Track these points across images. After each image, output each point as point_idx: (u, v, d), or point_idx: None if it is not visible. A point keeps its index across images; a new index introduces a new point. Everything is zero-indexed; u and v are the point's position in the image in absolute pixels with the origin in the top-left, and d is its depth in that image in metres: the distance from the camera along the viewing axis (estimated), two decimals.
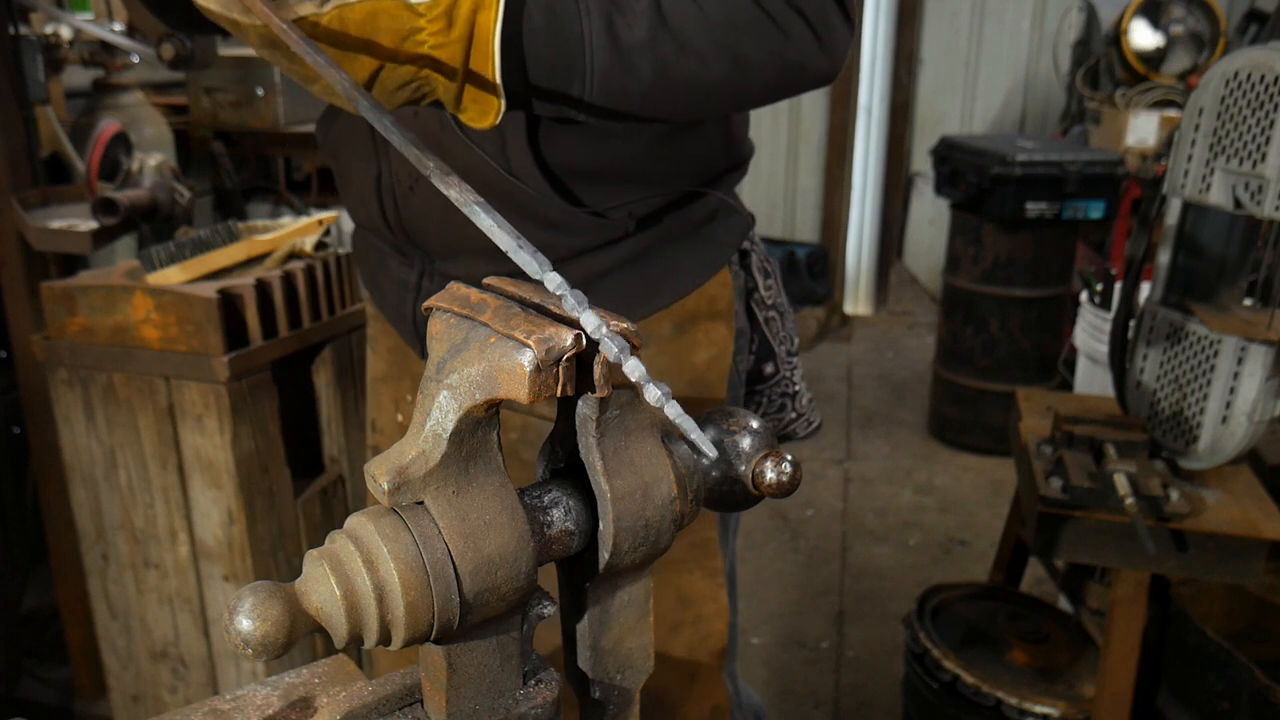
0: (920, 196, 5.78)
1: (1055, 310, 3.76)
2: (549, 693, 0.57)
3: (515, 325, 0.50)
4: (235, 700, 0.69)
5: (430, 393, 0.51)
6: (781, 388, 1.33)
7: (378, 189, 1.13)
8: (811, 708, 2.52)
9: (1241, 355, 1.59)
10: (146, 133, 3.03)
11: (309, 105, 3.51)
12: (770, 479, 0.59)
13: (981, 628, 2.08)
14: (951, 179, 3.74)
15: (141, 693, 1.97)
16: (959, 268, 3.80)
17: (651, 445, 0.56)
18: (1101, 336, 2.61)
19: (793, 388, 1.34)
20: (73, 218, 2.04)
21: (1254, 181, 1.51)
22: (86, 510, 1.87)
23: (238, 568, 1.79)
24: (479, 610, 0.51)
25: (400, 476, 0.49)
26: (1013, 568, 2.23)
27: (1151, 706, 1.80)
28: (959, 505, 3.55)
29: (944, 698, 1.94)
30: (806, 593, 3.00)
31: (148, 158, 2.09)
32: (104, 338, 1.74)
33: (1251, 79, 1.51)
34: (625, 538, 0.55)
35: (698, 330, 1.19)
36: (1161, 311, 1.71)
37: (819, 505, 3.51)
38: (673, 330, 1.18)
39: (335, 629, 0.49)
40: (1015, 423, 1.90)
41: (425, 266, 1.17)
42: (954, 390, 3.92)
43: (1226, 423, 1.63)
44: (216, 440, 1.72)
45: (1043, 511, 1.59)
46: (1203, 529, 1.54)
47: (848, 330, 5.34)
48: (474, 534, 0.50)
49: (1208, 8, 4.46)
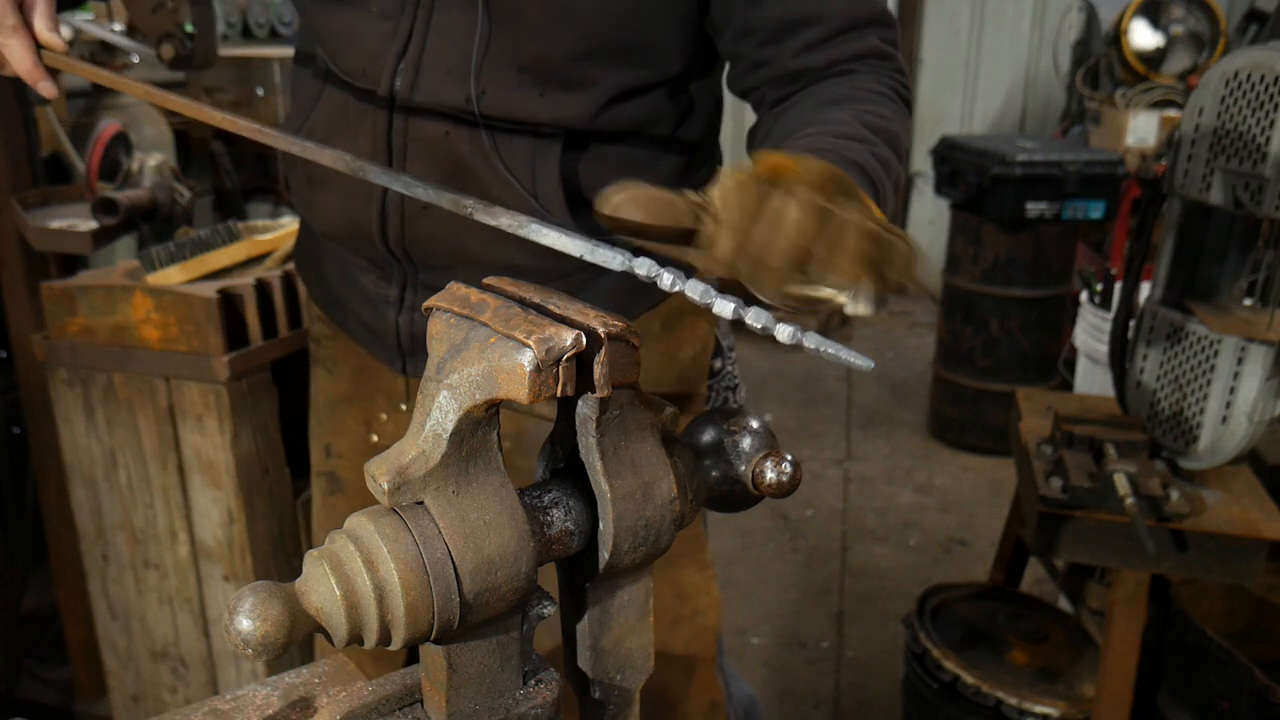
0: (920, 196, 5.78)
1: (1055, 310, 3.76)
2: (549, 693, 0.57)
3: (515, 325, 0.50)
4: (235, 700, 0.69)
5: (430, 393, 0.51)
6: (725, 381, 1.37)
7: (381, 210, 1.10)
8: (811, 708, 2.52)
9: (1241, 355, 1.59)
10: (146, 133, 3.03)
11: None
12: (770, 479, 0.59)
13: (981, 628, 2.07)
14: (951, 179, 3.74)
15: (141, 693, 1.97)
16: (959, 268, 3.80)
17: (651, 445, 0.56)
18: (1101, 336, 2.61)
19: (734, 380, 1.40)
20: (73, 218, 2.04)
21: (1254, 181, 1.51)
22: (86, 510, 1.87)
23: (238, 568, 1.79)
24: (479, 610, 0.51)
25: (400, 476, 0.49)
26: (1013, 568, 2.23)
27: (1151, 706, 1.80)
28: (959, 505, 3.55)
29: (944, 698, 1.94)
30: (806, 593, 3.00)
31: (148, 158, 2.09)
32: (104, 338, 1.74)
33: (1251, 79, 1.51)
34: (625, 538, 0.55)
35: (683, 327, 1.21)
36: (1161, 311, 1.71)
37: (819, 505, 3.51)
38: (661, 328, 1.20)
39: (335, 629, 0.49)
40: (1015, 423, 1.90)
41: (407, 280, 1.14)
42: (954, 390, 3.92)
43: (1226, 423, 1.63)
44: (216, 440, 1.72)
45: (1043, 511, 1.58)
46: (1203, 529, 1.54)
47: (848, 330, 5.34)
48: (474, 534, 0.50)
49: (1208, 8, 4.46)
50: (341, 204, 1.13)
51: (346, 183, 1.11)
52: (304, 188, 1.18)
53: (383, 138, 1.07)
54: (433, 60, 1.03)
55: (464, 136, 1.04)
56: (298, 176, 1.19)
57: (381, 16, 1.04)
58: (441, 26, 1.02)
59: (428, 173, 1.06)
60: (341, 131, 1.10)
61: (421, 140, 1.05)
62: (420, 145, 1.06)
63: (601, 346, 0.51)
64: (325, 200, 1.16)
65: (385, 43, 1.04)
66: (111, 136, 2.24)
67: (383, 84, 1.05)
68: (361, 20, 1.05)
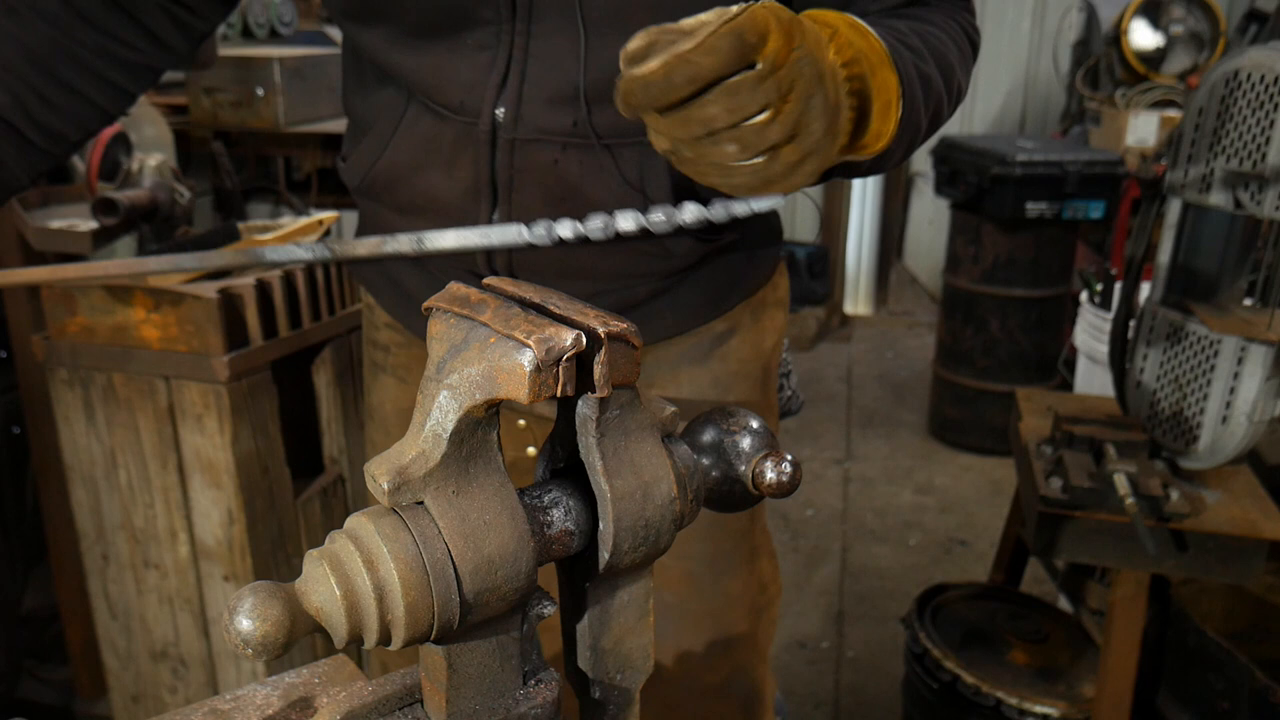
0: (920, 196, 5.78)
1: (1055, 310, 3.76)
2: (549, 693, 0.57)
3: (515, 325, 0.50)
4: (235, 700, 0.69)
5: (430, 393, 0.51)
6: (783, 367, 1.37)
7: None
8: (811, 708, 2.52)
9: (1241, 355, 1.59)
10: (146, 133, 3.03)
11: (309, 105, 3.51)
12: (770, 479, 0.59)
13: (981, 628, 2.07)
14: (951, 179, 3.74)
15: (141, 693, 1.97)
16: (959, 268, 3.80)
17: (651, 445, 0.56)
18: (1101, 336, 2.61)
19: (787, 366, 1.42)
20: (73, 218, 2.04)
21: (1254, 181, 1.51)
22: (86, 510, 1.87)
23: (238, 568, 1.79)
24: (479, 610, 0.51)
25: (400, 476, 0.49)
26: (1013, 568, 2.23)
27: (1151, 706, 1.80)
28: (959, 505, 3.55)
29: (944, 698, 1.94)
30: (806, 593, 3.00)
31: (148, 158, 2.09)
32: (104, 338, 1.74)
33: (1251, 79, 1.51)
34: (625, 538, 0.55)
35: (766, 318, 1.22)
36: (1161, 311, 1.71)
37: (819, 505, 3.51)
38: (750, 319, 1.20)
39: (335, 629, 0.49)
40: (1015, 423, 1.90)
41: None
42: (954, 390, 3.92)
43: (1226, 423, 1.63)
44: (216, 440, 1.72)
45: (1043, 511, 1.58)
46: (1203, 529, 1.55)
47: (848, 330, 5.34)
48: (474, 534, 0.50)
49: (1208, 8, 4.46)
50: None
51: (446, 213, 1.07)
52: (390, 216, 1.14)
53: (485, 171, 1.03)
54: (534, 87, 0.99)
55: (574, 159, 1.01)
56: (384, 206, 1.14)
57: (478, 48, 0.99)
58: (542, 52, 0.98)
59: (536, 201, 1.03)
60: (433, 165, 1.06)
61: (529, 170, 1.02)
62: (528, 175, 1.02)
63: (601, 346, 0.51)
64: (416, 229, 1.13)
65: (483, 74, 1.00)
66: (111, 137, 2.24)
67: (484, 117, 1.00)
68: (456, 53, 1.00)
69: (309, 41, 4.21)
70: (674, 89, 0.64)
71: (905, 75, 0.81)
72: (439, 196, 1.07)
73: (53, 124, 1.10)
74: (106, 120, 1.16)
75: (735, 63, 0.64)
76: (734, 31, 0.63)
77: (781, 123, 0.67)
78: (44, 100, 1.08)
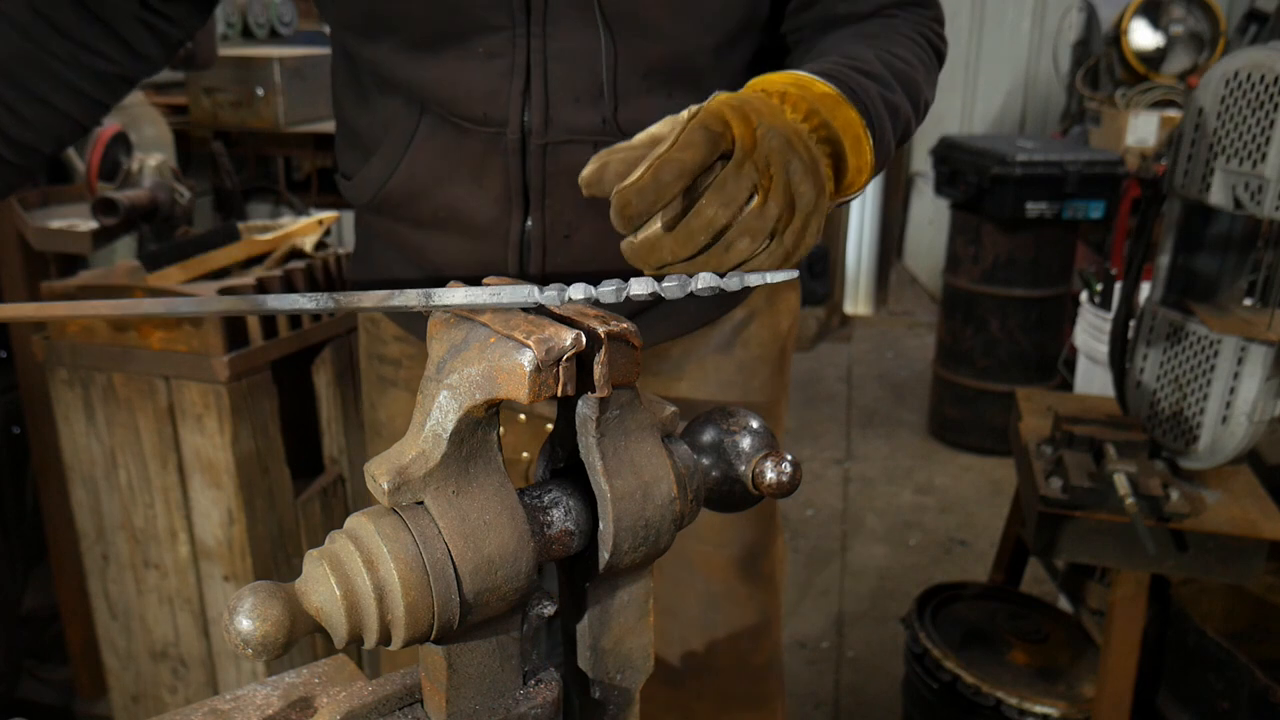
0: (920, 196, 5.77)
1: (1055, 310, 3.76)
2: (549, 693, 0.57)
3: (515, 325, 0.50)
4: (235, 700, 0.69)
5: (430, 393, 0.51)
6: None
7: (521, 240, 1.06)
8: (811, 708, 2.52)
9: (1241, 355, 1.59)
10: (146, 133, 3.03)
11: (309, 105, 3.51)
12: (770, 479, 0.59)
13: (981, 628, 2.07)
14: (951, 179, 3.74)
15: (141, 693, 1.97)
16: (959, 268, 3.80)
17: (651, 445, 0.56)
18: (1101, 336, 2.61)
19: None
20: (73, 218, 2.04)
21: (1254, 181, 1.51)
22: (86, 510, 1.87)
23: (238, 568, 1.79)
24: (479, 610, 0.51)
25: (400, 476, 0.49)
26: (1013, 568, 2.23)
27: (1151, 706, 1.80)
28: (959, 505, 3.55)
29: (944, 698, 1.94)
30: (806, 593, 3.00)
31: (148, 158, 2.09)
32: (104, 338, 1.74)
33: (1251, 79, 1.51)
34: (625, 538, 0.55)
35: (780, 300, 1.25)
36: (1161, 311, 1.71)
37: (819, 505, 3.51)
38: (765, 302, 1.23)
39: (335, 629, 0.49)
40: (1015, 423, 1.90)
41: None
42: (954, 390, 3.92)
43: (1226, 423, 1.63)
44: (216, 440, 1.72)
45: (1043, 511, 1.58)
46: (1203, 529, 1.54)
47: (848, 330, 5.33)
48: (474, 534, 0.50)
49: (1208, 8, 4.46)
50: (468, 246, 1.08)
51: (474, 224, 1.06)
52: (406, 231, 1.12)
53: (517, 179, 1.02)
54: (560, 89, 0.98)
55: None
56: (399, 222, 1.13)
57: (490, 56, 0.98)
58: (561, 53, 0.97)
59: (568, 204, 1.03)
60: (457, 177, 1.05)
61: (562, 173, 1.01)
62: (561, 178, 1.01)
63: (601, 346, 0.51)
64: (439, 243, 1.11)
65: (503, 81, 0.99)
66: (111, 136, 2.23)
67: (512, 125, 0.99)
68: (468, 63, 0.99)
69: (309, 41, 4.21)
70: (665, 187, 0.67)
71: (870, 108, 0.83)
72: (465, 208, 1.06)
73: (25, 137, 1.08)
74: (79, 132, 1.14)
75: (710, 154, 0.68)
76: (701, 125, 0.68)
77: (774, 198, 0.69)
78: (14, 114, 1.06)
